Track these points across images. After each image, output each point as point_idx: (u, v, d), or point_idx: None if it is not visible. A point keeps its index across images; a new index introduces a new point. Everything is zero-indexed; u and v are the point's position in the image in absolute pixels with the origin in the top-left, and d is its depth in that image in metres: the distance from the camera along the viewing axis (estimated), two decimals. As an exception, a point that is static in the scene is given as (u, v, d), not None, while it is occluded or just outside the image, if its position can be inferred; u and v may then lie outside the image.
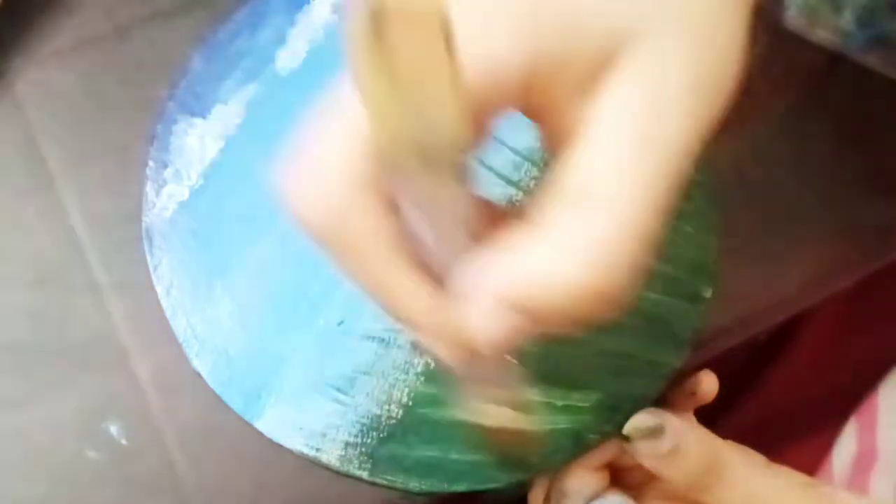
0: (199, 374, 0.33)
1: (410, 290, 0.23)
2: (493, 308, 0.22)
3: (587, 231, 0.21)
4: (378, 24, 0.17)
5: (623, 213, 0.21)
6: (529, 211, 0.22)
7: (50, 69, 0.37)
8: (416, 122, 0.19)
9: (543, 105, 0.22)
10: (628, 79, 0.21)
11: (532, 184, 0.36)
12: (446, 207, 0.21)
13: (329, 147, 0.22)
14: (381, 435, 0.32)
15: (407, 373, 0.33)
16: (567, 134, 0.22)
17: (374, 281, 0.23)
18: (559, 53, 0.21)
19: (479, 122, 0.21)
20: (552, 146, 0.23)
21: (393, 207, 0.22)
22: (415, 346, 0.25)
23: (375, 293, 0.23)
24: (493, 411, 0.29)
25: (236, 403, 0.33)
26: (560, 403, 0.33)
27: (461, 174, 0.21)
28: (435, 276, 0.23)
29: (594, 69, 0.22)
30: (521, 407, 0.29)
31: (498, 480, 0.32)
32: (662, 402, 0.34)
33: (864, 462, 0.44)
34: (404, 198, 0.22)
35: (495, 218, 0.23)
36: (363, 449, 0.32)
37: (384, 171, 0.21)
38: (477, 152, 0.21)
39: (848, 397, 0.47)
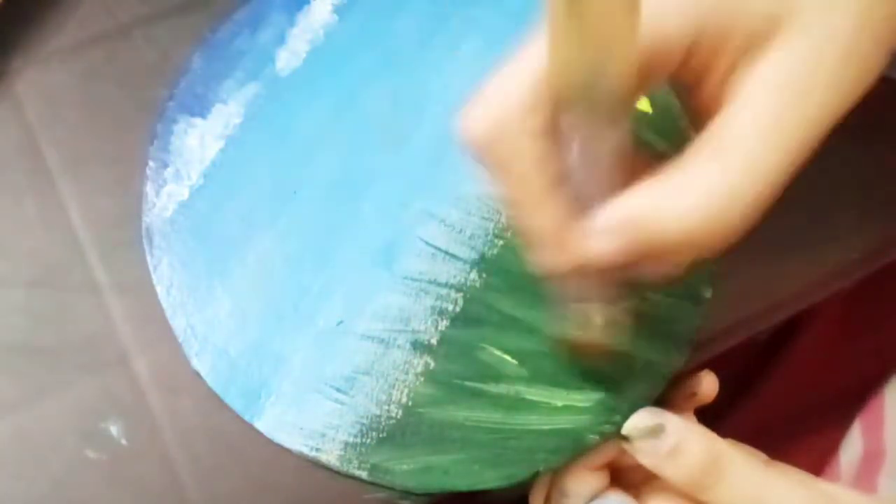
0: (198, 374, 0.33)
1: (544, 206, 0.25)
2: (613, 227, 0.24)
3: (712, 173, 0.23)
4: None
5: (752, 160, 0.23)
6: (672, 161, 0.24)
7: (50, 69, 0.37)
8: (593, 67, 0.22)
9: (698, 75, 0.25)
10: (780, 54, 0.24)
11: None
12: (602, 150, 0.24)
13: (502, 79, 0.25)
14: (381, 435, 0.32)
15: (406, 373, 0.33)
16: (717, 104, 0.25)
17: (513, 194, 0.26)
18: (721, 27, 0.24)
19: (640, 85, 0.24)
20: (699, 116, 0.25)
21: (553, 137, 0.25)
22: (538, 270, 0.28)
23: (514, 205, 0.26)
24: (583, 325, 0.31)
25: (236, 403, 0.33)
26: (560, 403, 0.33)
27: (621, 122, 0.23)
28: (577, 207, 0.25)
29: (750, 45, 0.24)
30: (611, 325, 0.30)
31: (497, 480, 0.32)
32: (662, 402, 0.34)
33: (871, 462, 0.44)
34: (566, 133, 0.24)
35: (642, 169, 0.25)
36: (363, 449, 0.32)
37: (553, 105, 0.24)
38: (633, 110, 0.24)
39: (852, 397, 0.46)
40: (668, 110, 0.38)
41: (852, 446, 0.45)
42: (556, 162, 0.25)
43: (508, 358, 0.33)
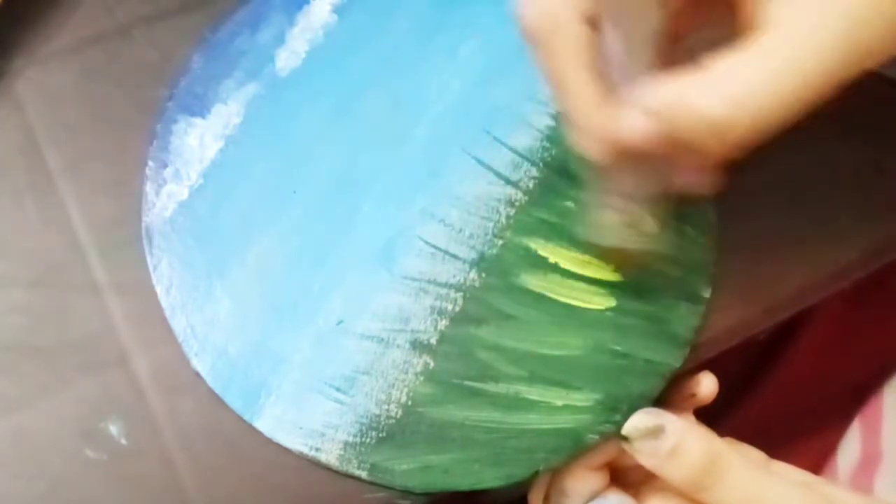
0: (198, 374, 0.33)
1: (584, 86, 0.28)
2: (650, 107, 0.26)
3: (753, 68, 0.25)
4: None
5: (791, 62, 0.24)
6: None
7: (50, 69, 0.37)
8: None
9: None
10: None
11: (532, 184, 0.36)
12: (641, 32, 0.27)
13: None
14: (381, 434, 0.32)
15: (406, 372, 0.33)
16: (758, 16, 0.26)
17: (557, 75, 0.28)
18: None
19: None
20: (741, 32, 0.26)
21: (595, 25, 0.28)
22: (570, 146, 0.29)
23: (555, 87, 0.29)
24: (615, 231, 0.32)
25: (236, 403, 0.33)
26: (560, 403, 0.33)
27: (657, 6, 0.26)
28: (613, 87, 0.28)
29: None
30: (643, 229, 0.32)
31: (497, 480, 0.32)
32: (662, 402, 0.34)
33: (869, 464, 0.44)
34: (607, 16, 0.27)
35: (681, 60, 0.27)
36: (362, 449, 0.32)
37: None
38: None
39: (851, 398, 0.46)
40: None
41: (850, 448, 0.45)
42: (600, 47, 0.28)
43: (508, 357, 0.33)
